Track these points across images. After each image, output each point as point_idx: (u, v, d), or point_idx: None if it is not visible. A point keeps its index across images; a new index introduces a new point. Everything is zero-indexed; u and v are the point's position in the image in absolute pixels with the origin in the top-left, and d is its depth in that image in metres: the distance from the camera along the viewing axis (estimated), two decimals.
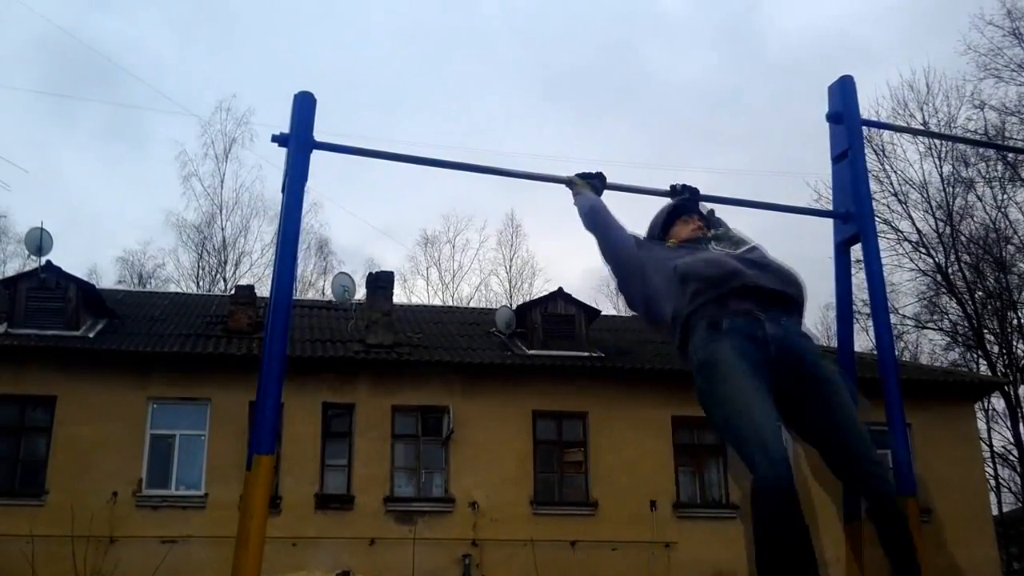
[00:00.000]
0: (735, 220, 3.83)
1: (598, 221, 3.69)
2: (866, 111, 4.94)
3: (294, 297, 4.14)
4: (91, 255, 57.21)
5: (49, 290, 17.92)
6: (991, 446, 28.64)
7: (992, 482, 27.72)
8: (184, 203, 34.91)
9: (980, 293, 29.32)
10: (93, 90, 47.22)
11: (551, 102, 55.36)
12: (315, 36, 54.48)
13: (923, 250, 29.22)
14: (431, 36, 55.19)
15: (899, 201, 29.15)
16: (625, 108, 54.98)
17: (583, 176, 4.04)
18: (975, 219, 29.22)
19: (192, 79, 52.14)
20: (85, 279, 19.91)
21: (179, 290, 30.72)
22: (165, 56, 51.37)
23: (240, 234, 33.92)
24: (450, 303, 33.55)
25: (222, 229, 33.78)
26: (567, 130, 53.66)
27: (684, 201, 3.81)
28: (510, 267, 38.00)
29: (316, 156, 4.06)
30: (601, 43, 54.87)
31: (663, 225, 3.70)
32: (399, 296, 25.42)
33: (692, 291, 3.18)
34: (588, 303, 20.72)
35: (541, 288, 33.26)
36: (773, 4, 58.36)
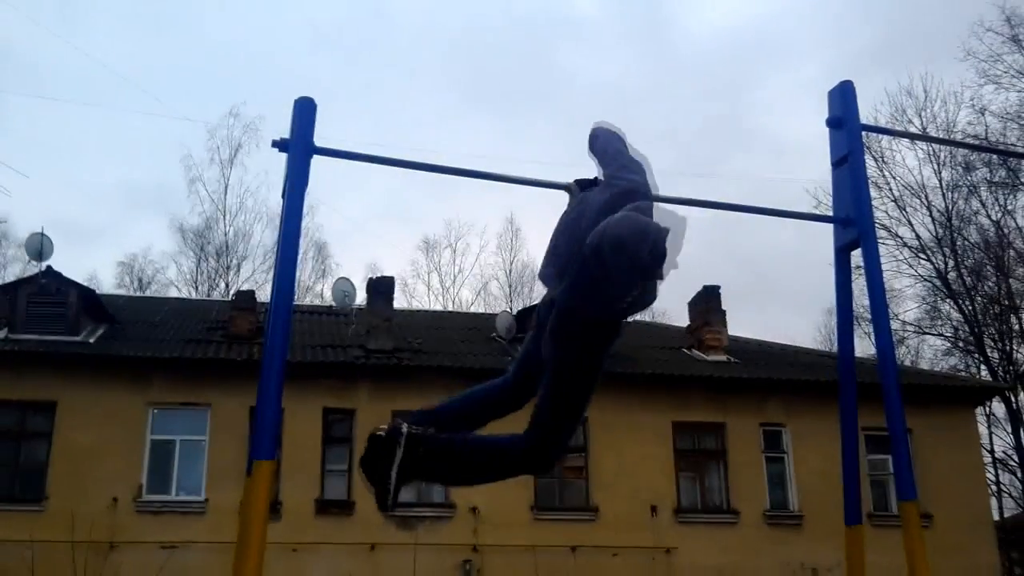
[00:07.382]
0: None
1: None
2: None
3: (294, 302, 4.14)
4: (89, 260, 57.17)
5: (49, 295, 17.88)
6: (992, 451, 28.58)
7: (993, 487, 27.67)
8: (189, 207, 34.96)
9: (980, 298, 29.30)
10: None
11: (473, 104, 55.84)
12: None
13: (923, 255, 29.24)
14: (344, 42, 55.45)
15: (898, 207, 29.22)
16: (544, 110, 55.59)
17: (580, 183, 4.04)
18: (976, 224, 29.27)
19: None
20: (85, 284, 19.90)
21: (178, 294, 30.76)
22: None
23: (242, 239, 33.96)
24: (451, 308, 33.51)
25: (224, 234, 33.82)
26: (494, 130, 54.09)
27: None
28: (510, 271, 37.97)
29: (316, 160, 4.08)
30: (519, 49, 55.41)
31: None
32: (400, 301, 25.39)
33: None
34: None
35: (541, 292, 33.06)
36: (683, 5, 59.15)
